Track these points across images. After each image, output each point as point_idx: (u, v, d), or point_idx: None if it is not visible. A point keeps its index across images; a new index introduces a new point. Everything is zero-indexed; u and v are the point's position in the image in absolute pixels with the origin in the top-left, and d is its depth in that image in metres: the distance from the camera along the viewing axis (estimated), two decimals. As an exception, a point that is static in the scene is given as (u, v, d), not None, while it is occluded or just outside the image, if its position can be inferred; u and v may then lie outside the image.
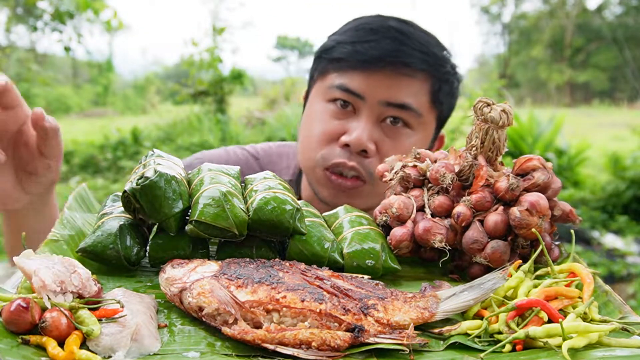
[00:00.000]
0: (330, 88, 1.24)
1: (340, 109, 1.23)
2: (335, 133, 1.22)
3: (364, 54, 1.19)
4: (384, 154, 1.20)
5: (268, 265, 0.76)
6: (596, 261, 4.93)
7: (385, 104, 1.20)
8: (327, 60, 1.26)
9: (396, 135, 1.22)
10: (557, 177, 0.90)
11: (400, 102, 1.20)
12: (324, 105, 1.25)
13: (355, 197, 1.23)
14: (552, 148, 7.62)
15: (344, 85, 1.21)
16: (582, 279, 0.76)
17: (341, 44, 1.23)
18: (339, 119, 1.23)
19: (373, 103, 1.20)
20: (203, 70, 8.30)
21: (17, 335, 0.61)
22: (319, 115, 1.25)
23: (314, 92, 1.30)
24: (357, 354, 0.67)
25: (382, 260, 0.87)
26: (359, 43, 1.20)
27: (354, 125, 1.20)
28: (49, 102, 14.13)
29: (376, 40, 1.19)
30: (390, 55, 1.18)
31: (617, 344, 0.67)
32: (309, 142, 1.26)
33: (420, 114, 1.22)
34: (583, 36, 22.63)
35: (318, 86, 1.29)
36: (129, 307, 0.66)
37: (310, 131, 1.26)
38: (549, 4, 23.65)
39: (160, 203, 0.81)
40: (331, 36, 1.30)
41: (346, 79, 1.21)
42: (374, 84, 1.19)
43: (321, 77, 1.27)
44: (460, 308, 0.75)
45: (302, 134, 1.31)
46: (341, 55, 1.22)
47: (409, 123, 1.22)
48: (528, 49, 23.45)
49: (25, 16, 9.23)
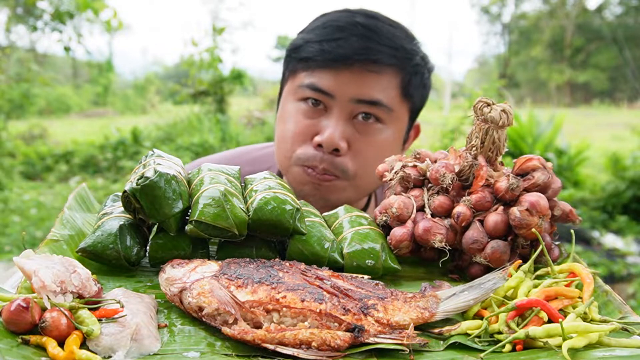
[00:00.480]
0: (300, 87, 1.24)
1: (311, 108, 1.23)
2: (308, 133, 1.23)
3: (332, 52, 1.19)
4: (357, 150, 1.21)
5: (268, 265, 0.76)
6: (596, 261, 4.92)
7: (356, 101, 1.20)
8: (296, 60, 1.26)
9: (368, 131, 1.22)
10: (557, 177, 0.90)
11: (370, 99, 1.20)
12: (296, 105, 1.26)
13: (332, 192, 1.24)
14: (552, 148, 7.62)
15: (314, 84, 1.21)
16: (582, 279, 0.76)
17: (309, 43, 1.23)
18: (311, 118, 1.23)
19: (343, 101, 1.20)
20: (203, 70, 8.30)
21: (17, 335, 0.61)
22: (291, 115, 1.26)
23: (285, 92, 1.31)
24: (357, 354, 0.67)
25: (382, 260, 0.87)
26: (326, 42, 1.20)
27: (326, 124, 1.21)
28: (49, 102, 14.13)
29: (343, 39, 1.19)
30: (357, 53, 1.18)
31: (617, 344, 0.67)
32: (284, 142, 1.27)
33: (391, 109, 1.23)
34: (583, 36, 22.62)
35: (289, 85, 1.29)
36: (129, 307, 0.66)
37: (284, 132, 1.27)
38: (549, 4, 23.65)
39: (160, 203, 0.81)
40: (300, 34, 1.29)
41: (315, 78, 1.21)
42: (343, 82, 1.19)
43: (292, 76, 1.28)
44: (460, 308, 0.75)
45: (277, 135, 1.32)
46: (309, 54, 1.22)
47: (380, 118, 1.23)
48: (528, 49, 23.44)
49: (25, 16, 9.23)
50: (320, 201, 1.24)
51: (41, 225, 5.50)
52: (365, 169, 1.23)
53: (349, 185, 1.24)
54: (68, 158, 8.56)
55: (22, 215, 5.91)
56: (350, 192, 1.25)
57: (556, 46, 22.77)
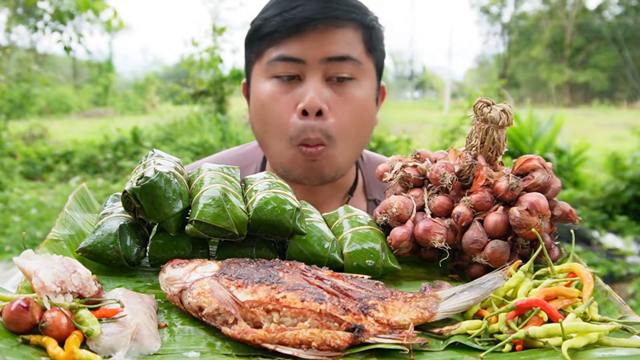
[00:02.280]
0: (269, 64, 1.25)
1: (286, 83, 1.25)
2: (290, 106, 1.24)
3: (294, 19, 1.22)
4: (337, 111, 1.24)
5: (268, 265, 0.76)
6: (596, 261, 4.92)
7: (327, 60, 1.22)
8: (259, 40, 1.27)
9: (344, 90, 1.25)
10: (556, 177, 0.90)
11: (340, 55, 1.23)
12: (268, 84, 1.27)
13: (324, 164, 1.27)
14: (552, 148, 7.62)
15: (283, 55, 1.23)
16: (582, 279, 0.76)
17: (268, 19, 1.25)
18: (288, 92, 1.25)
19: (314, 63, 1.22)
20: (203, 70, 8.29)
21: (17, 335, 0.61)
22: (268, 96, 1.27)
23: (254, 76, 1.31)
24: (357, 354, 0.67)
25: (382, 260, 0.87)
26: (286, 12, 1.23)
27: (304, 91, 1.23)
28: (49, 102, 14.12)
29: (302, 4, 1.23)
30: (319, 13, 1.22)
31: (616, 343, 0.67)
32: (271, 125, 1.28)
33: (361, 62, 1.26)
34: (583, 36, 22.63)
35: (256, 68, 1.30)
36: (129, 307, 0.66)
37: (267, 115, 1.28)
38: (549, 4, 23.65)
39: (160, 203, 0.81)
40: (255, 20, 1.31)
41: (283, 49, 1.23)
42: (311, 44, 1.22)
43: (258, 58, 1.29)
44: (460, 308, 0.75)
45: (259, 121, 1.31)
46: (272, 28, 1.24)
47: (352, 74, 1.25)
48: (528, 49, 23.45)
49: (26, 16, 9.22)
50: (317, 179, 1.28)
51: (41, 225, 5.50)
52: (347, 129, 1.26)
53: (336, 152, 1.27)
54: (68, 158, 8.56)
55: (22, 215, 5.91)
56: (338, 160, 1.28)
57: (556, 46, 22.78)
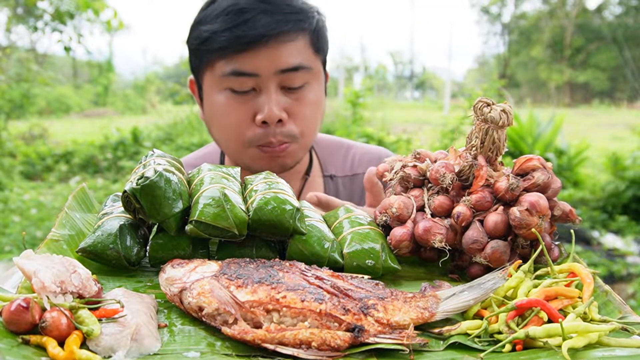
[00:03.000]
0: (222, 77, 1.27)
1: (241, 95, 1.27)
2: (248, 116, 1.28)
3: (246, 36, 1.23)
4: (296, 114, 1.29)
5: (268, 265, 0.76)
6: (596, 261, 4.92)
7: (280, 72, 1.25)
8: (208, 52, 1.28)
9: (300, 96, 1.29)
10: (557, 177, 0.90)
11: (292, 66, 1.26)
12: (223, 96, 1.29)
13: (287, 158, 1.33)
14: (552, 148, 7.62)
15: (237, 70, 1.25)
16: (582, 279, 0.76)
17: (218, 33, 1.25)
18: (245, 103, 1.28)
19: (269, 76, 1.25)
20: (203, 70, 8.29)
21: (17, 335, 0.61)
22: (224, 107, 1.29)
23: (207, 84, 1.33)
24: (357, 354, 0.67)
25: (382, 260, 0.87)
26: (235, 27, 1.23)
27: (261, 102, 1.26)
28: (49, 102, 14.12)
29: (251, 20, 1.23)
30: (272, 29, 1.23)
31: (616, 343, 0.67)
32: (230, 133, 1.31)
33: (311, 68, 1.30)
34: (583, 36, 22.63)
35: (209, 78, 1.31)
36: (129, 307, 0.66)
37: (225, 126, 1.31)
38: (549, 4, 23.66)
39: (160, 203, 0.81)
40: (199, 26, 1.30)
41: (236, 64, 1.25)
42: (264, 59, 1.24)
43: (210, 69, 1.30)
44: (460, 308, 0.75)
45: (216, 127, 1.35)
46: (223, 44, 1.24)
47: (305, 80, 1.29)
48: (528, 49, 23.45)
49: (26, 16, 9.22)
50: (279, 168, 1.33)
51: (41, 225, 5.50)
52: (308, 127, 1.32)
53: (299, 146, 1.33)
54: (68, 158, 8.56)
55: (22, 215, 5.91)
56: (300, 152, 1.35)
57: (556, 46, 22.78)
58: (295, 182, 1.46)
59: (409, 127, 10.07)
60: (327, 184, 1.52)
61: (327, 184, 1.52)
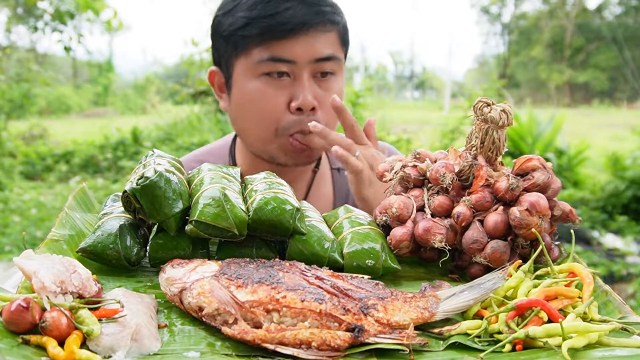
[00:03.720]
0: (259, 63, 1.29)
1: (276, 80, 1.30)
2: (282, 102, 1.30)
3: (288, 23, 1.26)
4: (324, 104, 1.31)
5: (268, 265, 0.76)
6: (596, 261, 4.92)
7: (315, 61, 1.29)
8: (245, 38, 1.30)
9: (328, 85, 1.33)
10: (556, 177, 0.90)
11: (326, 56, 1.30)
12: (259, 82, 1.31)
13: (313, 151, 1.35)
14: (552, 148, 7.62)
15: (275, 56, 1.28)
16: (582, 279, 0.76)
17: (257, 20, 1.28)
18: (280, 89, 1.30)
19: (304, 64, 1.28)
20: (203, 70, 8.29)
21: (17, 335, 0.61)
22: (259, 93, 1.31)
23: (238, 72, 1.34)
24: (357, 354, 0.67)
25: (382, 260, 0.87)
26: (277, 14, 1.27)
27: (297, 89, 1.30)
28: (49, 102, 14.12)
29: (292, 8, 1.28)
30: (311, 18, 1.28)
31: (616, 343, 0.67)
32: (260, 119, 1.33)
33: (340, 59, 1.35)
34: (583, 36, 22.63)
35: (242, 65, 1.32)
36: (129, 307, 0.66)
37: (257, 111, 1.32)
38: (549, 4, 23.66)
39: (160, 203, 0.81)
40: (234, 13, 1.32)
41: (275, 51, 1.28)
42: (302, 47, 1.28)
43: (244, 55, 1.31)
44: (460, 308, 0.75)
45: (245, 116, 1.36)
46: (264, 30, 1.27)
47: (333, 70, 1.34)
48: (528, 49, 23.45)
49: (26, 16, 9.22)
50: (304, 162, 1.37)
51: (41, 225, 5.50)
52: (332, 118, 1.34)
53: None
54: (68, 158, 8.56)
55: (22, 215, 5.91)
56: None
57: (556, 46, 22.79)
58: (306, 176, 1.48)
59: (409, 127, 10.07)
60: (334, 176, 1.54)
61: (334, 176, 1.54)
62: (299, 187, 1.47)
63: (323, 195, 1.51)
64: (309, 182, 1.49)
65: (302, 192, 1.48)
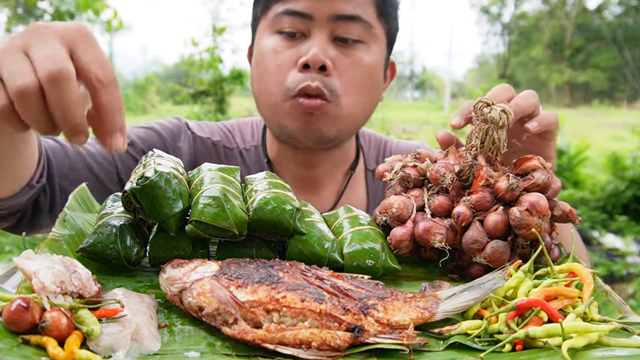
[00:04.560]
0: (275, 18, 1.21)
1: (290, 38, 1.21)
2: (291, 60, 1.20)
3: None
4: (343, 71, 1.19)
5: (268, 265, 0.76)
6: (596, 261, 4.93)
7: (335, 18, 1.18)
8: None
9: (351, 52, 1.21)
10: (557, 177, 0.90)
11: (349, 14, 1.18)
12: (272, 39, 1.22)
13: (323, 121, 1.21)
14: (552, 148, 7.60)
15: (290, 9, 1.19)
16: (582, 279, 0.76)
17: None
18: (291, 48, 1.20)
19: (322, 20, 1.18)
20: (203, 70, 8.29)
21: (17, 335, 0.61)
22: (269, 51, 1.23)
23: (259, 32, 1.28)
24: (357, 354, 0.67)
25: (382, 260, 0.87)
26: None
27: (308, 46, 1.18)
28: (49, 102, 14.06)
29: None
30: None
31: (616, 343, 0.67)
32: (268, 78, 1.23)
33: (371, 25, 1.21)
34: (583, 36, 22.65)
35: (262, 24, 1.26)
36: (129, 307, 0.66)
37: (266, 68, 1.23)
38: (549, 4, 23.67)
39: (160, 203, 0.81)
40: None
41: (291, 3, 1.19)
42: (320, 0, 1.17)
43: (264, 13, 1.26)
44: (460, 308, 0.75)
45: (257, 77, 1.28)
46: None
47: (360, 37, 1.20)
48: (528, 49, 23.47)
49: (26, 16, 9.23)
50: (314, 136, 1.23)
51: (41, 225, 5.49)
52: (352, 90, 1.21)
53: (337, 111, 1.21)
54: (68, 158, 8.54)
55: (22, 215, 5.89)
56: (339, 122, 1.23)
57: (556, 46, 22.80)
58: (338, 178, 1.39)
59: (409, 127, 10.07)
60: (368, 178, 1.43)
61: (368, 178, 1.43)
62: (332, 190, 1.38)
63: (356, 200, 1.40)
64: (342, 185, 1.39)
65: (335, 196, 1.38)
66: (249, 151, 1.42)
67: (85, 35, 0.68)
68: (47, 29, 0.68)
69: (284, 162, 1.36)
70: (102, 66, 0.68)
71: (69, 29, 0.68)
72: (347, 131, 1.28)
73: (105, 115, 0.68)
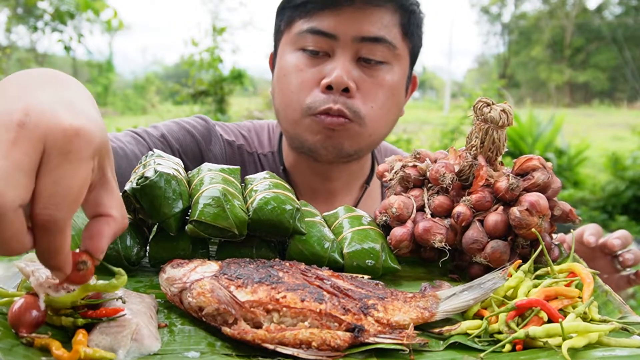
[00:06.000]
0: (299, 35, 1.20)
1: (313, 57, 1.19)
2: (314, 80, 1.18)
3: None
4: (366, 92, 1.18)
5: (268, 265, 0.76)
6: (596, 261, 4.92)
7: (360, 40, 1.17)
8: (291, 9, 1.22)
9: (375, 73, 1.20)
10: (557, 177, 0.90)
11: (374, 36, 1.17)
12: (295, 55, 1.21)
13: (344, 138, 1.20)
14: (552, 148, 7.63)
15: (314, 28, 1.17)
16: (582, 279, 0.76)
17: None
18: (314, 67, 1.19)
19: (346, 41, 1.17)
20: (203, 70, 8.29)
21: (20, 334, 0.61)
22: (291, 68, 1.21)
23: (282, 46, 1.26)
24: (357, 354, 0.67)
25: (382, 260, 0.87)
26: None
27: (331, 67, 1.17)
28: (49, 102, 14.06)
29: None
30: None
31: (616, 343, 0.67)
32: (290, 95, 1.22)
33: (395, 46, 1.20)
34: (583, 36, 22.66)
35: (285, 38, 1.25)
36: (129, 307, 0.66)
37: (288, 85, 1.22)
38: (549, 4, 23.67)
39: (160, 203, 0.81)
40: None
41: (315, 22, 1.17)
42: (345, 21, 1.16)
43: (287, 28, 1.24)
44: (460, 308, 0.75)
45: (279, 91, 1.26)
46: None
47: (385, 58, 1.20)
48: (528, 49, 23.47)
49: (26, 16, 9.24)
50: (334, 151, 1.22)
51: (41, 225, 5.49)
52: (375, 111, 1.20)
53: (360, 130, 1.21)
54: (68, 158, 8.53)
55: (22, 215, 5.89)
56: (361, 140, 1.22)
57: (556, 46, 22.81)
58: (354, 191, 1.38)
59: (409, 127, 10.07)
60: (383, 191, 1.43)
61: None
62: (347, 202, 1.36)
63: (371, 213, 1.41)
64: (357, 198, 1.39)
65: None
66: (266, 156, 1.41)
67: (68, 150, 0.50)
68: (34, 125, 0.50)
69: (300, 172, 1.35)
70: (56, 206, 0.51)
71: (54, 133, 0.50)
72: (368, 148, 1.28)
73: (40, 254, 0.54)
